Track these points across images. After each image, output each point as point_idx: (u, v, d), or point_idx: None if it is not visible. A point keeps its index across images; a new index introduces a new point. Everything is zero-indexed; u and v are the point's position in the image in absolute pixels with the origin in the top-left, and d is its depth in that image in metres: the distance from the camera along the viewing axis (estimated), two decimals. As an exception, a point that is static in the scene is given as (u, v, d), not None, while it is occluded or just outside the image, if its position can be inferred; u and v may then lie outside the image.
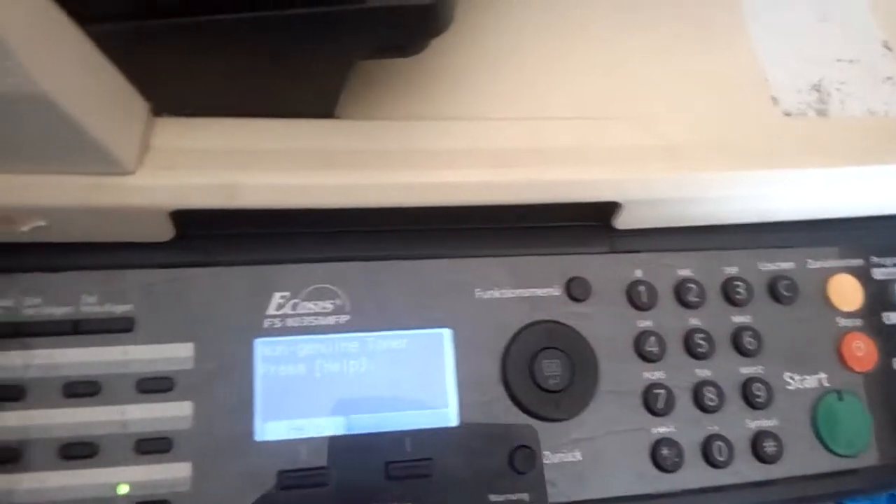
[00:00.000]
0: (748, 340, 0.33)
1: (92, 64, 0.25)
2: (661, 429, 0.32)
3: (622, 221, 0.33)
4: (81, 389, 0.28)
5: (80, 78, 0.24)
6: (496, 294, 0.32)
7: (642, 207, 0.32)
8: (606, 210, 0.33)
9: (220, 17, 0.25)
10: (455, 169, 0.30)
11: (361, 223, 0.31)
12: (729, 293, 0.34)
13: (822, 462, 0.33)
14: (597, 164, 0.31)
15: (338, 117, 0.31)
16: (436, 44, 0.30)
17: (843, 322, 0.35)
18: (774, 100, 0.35)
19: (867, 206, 0.36)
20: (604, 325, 0.33)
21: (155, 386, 0.28)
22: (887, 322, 0.35)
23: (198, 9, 0.25)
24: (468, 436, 0.30)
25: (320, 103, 0.30)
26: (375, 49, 0.28)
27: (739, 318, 0.34)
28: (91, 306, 0.29)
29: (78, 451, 0.28)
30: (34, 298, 0.29)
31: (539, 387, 0.31)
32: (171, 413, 0.28)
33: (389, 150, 0.30)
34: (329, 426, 0.29)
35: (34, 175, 0.26)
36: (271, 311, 0.30)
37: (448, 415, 0.30)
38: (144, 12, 0.25)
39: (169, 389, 0.29)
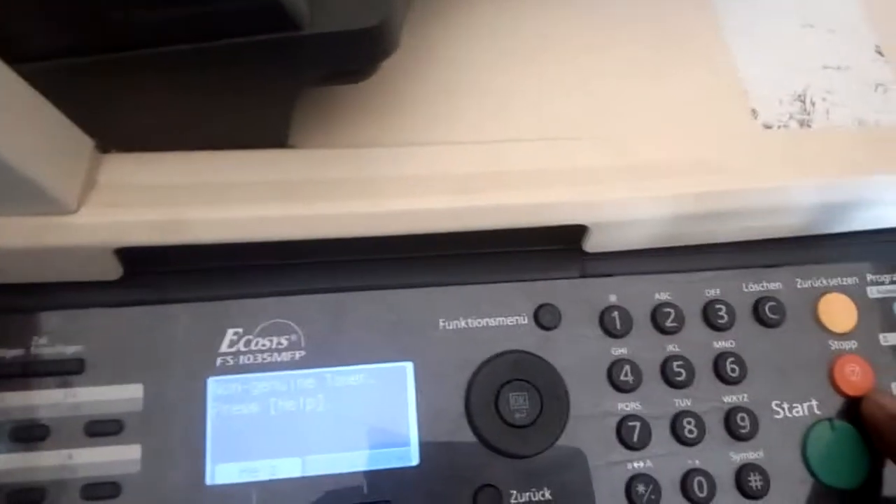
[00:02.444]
0: (731, 367, 0.31)
1: (24, 104, 0.24)
2: (637, 464, 0.30)
3: (592, 245, 0.32)
4: (30, 434, 0.27)
5: (11, 119, 0.23)
6: (461, 324, 0.31)
7: (611, 230, 0.31)
8: (575, 233, 0.31)
9: (158, 51, 0.25)
10: (413, 196, 0.29)
11: (316, 255, 0.30)
12: (710, 317, 0.32)
13: (814, 496, 0.30)
14: (560, 186, 0.30)
15: (293, 147, 0.30)
16: (393, 67, 0.30)
17: (835, 345, 0.32)
18: (754, 112, 0.34)
19: (859, 220, 0.34)
20: (575, 354, 0.31)
21: (103, 429, 0.28)
22: (885, 343, 0.33)
23: (133, 43, 0.24)
24: (429, 476, 0.29)
25: (271, 133, 0.29)
26: (322, 76, 0.27)
27: (721, 344, 0.32)
28: (41, 348, 0.28)
29: (24, 498, 0.27)
30: (-18, 342, 0.28)
31: (504, 421, 0.30)
32: (119, 457, 0.28)
33: (344, 179, 0.29)
34: (283, 468, 0.28)
35: (-29, 218, 0.26)
36: (224, 348, 0.29)
37: (409, 454, 0.29)
38: (78, 49, 0.25)
39: (117, 432, 0.28)
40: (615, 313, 0.32)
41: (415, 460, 0.29)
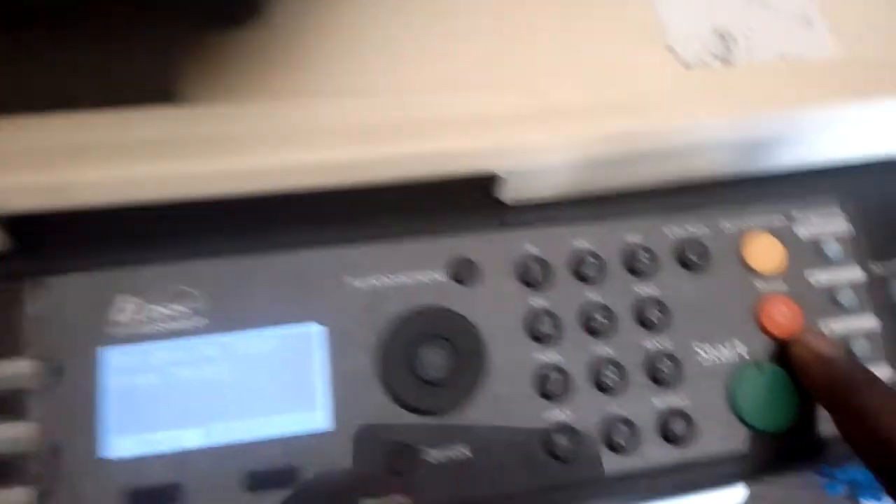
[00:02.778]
0: (653, 313, 0.30)
1: None
2: (557, 415, 0.29)
3: (507, 194, 0.30)
4: (-85, 415, 0.26)
5: None
6: (373, 282, 0.30)
7: (525, 177, 0.30)
8: (488, 183, 0.30)
9: (24, 5, 0.24)
10: (314, 148, 0.28)
11: (213, 216, 0.29)
12: (631, 264, 0.31)
13: (743, 440, 0.30)
14: (469, 133, 0.28)
15: (181, 102, 0.29)
16: (285, 15, 0.28)
17: (762, 286, 0.32)
18: (671, 50, 0.32)
19: (785, 158, 0.33)
20: (492, 308, 0.30)
21: (-5, 406, 0.26)
22: (813, 283, 0.32)
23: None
24: (341, 439, 0.28)
25: (157, 88, 0.28)
26: (199, 18, 0.26)
27: (644, 290, 0.31)
28: (-75, 326, 0.27)
29: (-89, 482, 0.26)
30: None
31: (420, 379, 0.29)
32: (13, 434, 0.26)
33: (237, 133, 0.28)
34: (185, 438, 0.27)
35: None
36: (119, 317, 0.28)
37: (318, 418, 0.28)
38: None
39: (11, 410, 0.27)
40: (534, 264, 0.30)
41: (326, 424, 0.28)
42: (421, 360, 0.29)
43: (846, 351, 0.31)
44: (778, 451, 0.30)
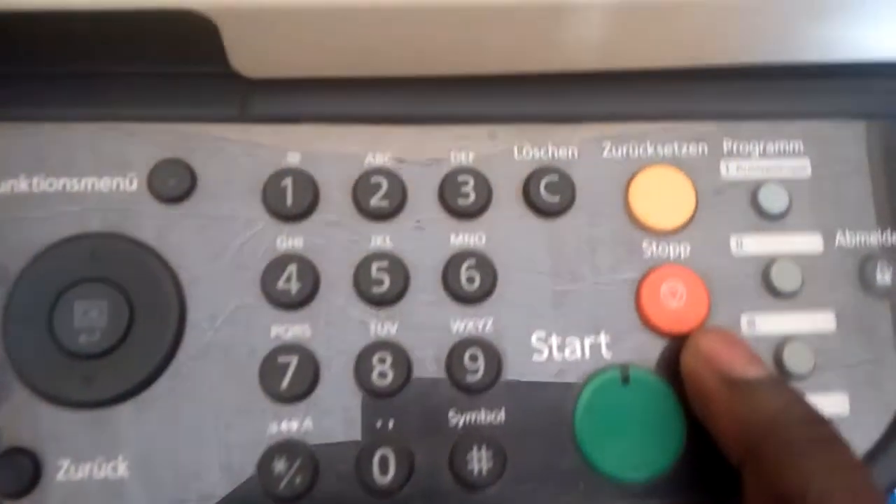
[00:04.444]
0: (469, 275, 0.19)
1: None
2: (286, 425, 0.18)
3: (244, 60, 0.19)
4: None
5: None
6: (21, 187, 0.19)
7: (265, 28, 0.18)
8: (211, 39, 0.18)
9: None
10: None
11: None
12: (449, 196, 0.20)
13: (586, 492, 0.19)
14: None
15: None
16: None
17: (651, 248, 0.20)
18: None
19: (710, 45, 0.20)
20: (208, 244, 0.19)
21: None
22: (737, 251, 0.20)
23: None
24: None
25: None
26: None
27: (463, 239, 0.20)
28: None
29: None
30: None
31: (62, 349, 0.18)
32: None
33: None
34: None
35: None
36: None
37: None
38: None
39: None
40: (290, 181, 0.19)
41: None
42: (66, 319, 0.18)
43: (775, 372, 0.20)
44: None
